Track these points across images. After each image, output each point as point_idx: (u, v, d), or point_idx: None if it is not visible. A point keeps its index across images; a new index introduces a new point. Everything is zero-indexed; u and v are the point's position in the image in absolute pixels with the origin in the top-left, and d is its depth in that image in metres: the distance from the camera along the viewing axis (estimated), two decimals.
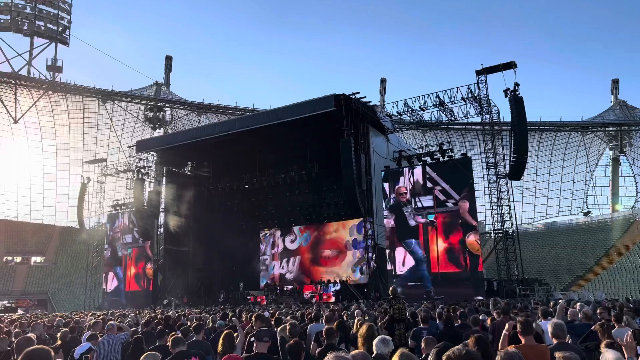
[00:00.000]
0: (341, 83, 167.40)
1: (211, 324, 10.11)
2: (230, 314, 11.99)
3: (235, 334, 6.76)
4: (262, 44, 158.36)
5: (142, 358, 4.81)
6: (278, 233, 39.84)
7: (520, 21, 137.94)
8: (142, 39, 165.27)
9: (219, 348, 5.87)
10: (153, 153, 38.41)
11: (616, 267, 40.55)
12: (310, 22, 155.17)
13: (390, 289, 9.95)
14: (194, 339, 6.92)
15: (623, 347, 4.11)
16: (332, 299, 29.49)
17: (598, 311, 8.23)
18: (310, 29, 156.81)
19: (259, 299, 32.93)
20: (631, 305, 12.46)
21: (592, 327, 5.98)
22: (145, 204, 36.57)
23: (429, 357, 4.08)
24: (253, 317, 8.19)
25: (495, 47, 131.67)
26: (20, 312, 37.07)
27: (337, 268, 35.91)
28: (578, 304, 8.89)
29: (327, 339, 5.81)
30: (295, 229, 39.11)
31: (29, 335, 5.94)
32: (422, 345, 5.33)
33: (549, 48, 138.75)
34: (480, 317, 8.66)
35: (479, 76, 29.90)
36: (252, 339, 5.42)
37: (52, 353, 3.38)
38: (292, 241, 39.38)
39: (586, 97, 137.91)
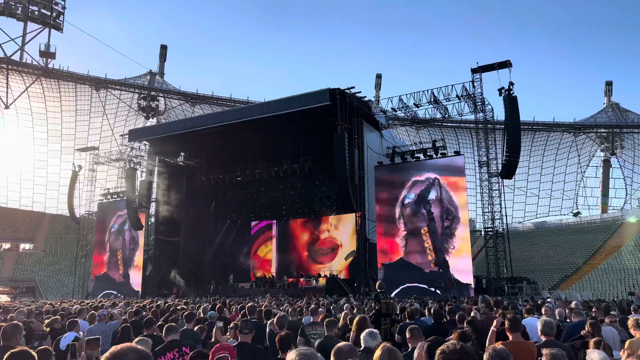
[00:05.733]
0: (336, 77, 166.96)
1: (202, 314, 10.12)
2: (219, 305, 11.97)
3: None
4: (259, 37, 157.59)
5: (134, 342, 4.77)
6: (269, 225, 39.80)
7: (516, 21, 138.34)
8: (137, 27, 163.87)
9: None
10: (145, 142, 38.17)
11: (604, 268, 40.94)
12: (307, 16, 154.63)
13: (377, 283, 9.85)
14: (185, 327, 6.92)
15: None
16: (322, 293, 29.52)
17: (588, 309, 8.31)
18: (307, 23, 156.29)
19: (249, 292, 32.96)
20: (617, 305, 12.63)
21: (582, 332, 5.96)
22: (137, 194, 36.38)
23: (416, 350, 3.94)
24: (246, 308, 8.19)
25: (490, 46, 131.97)
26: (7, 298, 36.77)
27: (329, 262, 35.97)
28: (574, 302, 8.99)
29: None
30: (287, 221, 39.09)
31: (15, 322, 5.87)
32: (407, 335, 5.14)
33: (544, 48, 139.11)
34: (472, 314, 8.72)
35: (474, 74, 29.96)
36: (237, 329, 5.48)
37: (36, 356, 3.42)
38: (284, 234, 39.40)
39: (579, 99, 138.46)
